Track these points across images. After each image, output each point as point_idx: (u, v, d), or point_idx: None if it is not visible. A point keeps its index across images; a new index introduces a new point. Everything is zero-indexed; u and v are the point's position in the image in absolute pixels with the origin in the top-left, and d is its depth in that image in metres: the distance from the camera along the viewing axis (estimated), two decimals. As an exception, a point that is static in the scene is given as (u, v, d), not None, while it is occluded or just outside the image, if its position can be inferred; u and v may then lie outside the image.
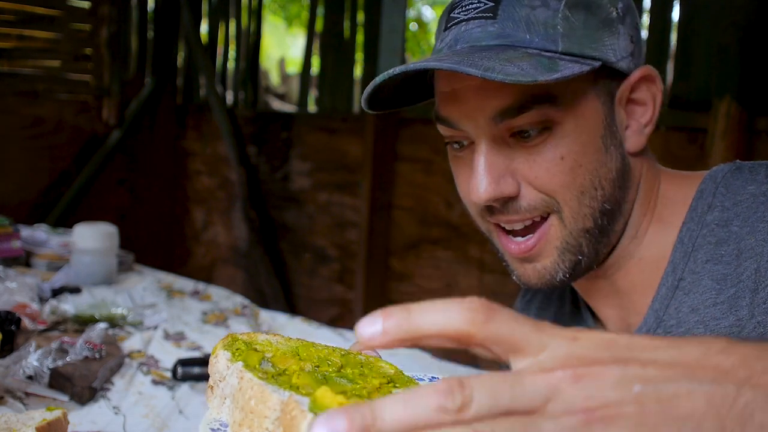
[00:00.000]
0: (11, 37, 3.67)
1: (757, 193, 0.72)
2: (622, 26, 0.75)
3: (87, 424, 1.03)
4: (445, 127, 0.78)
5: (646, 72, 0.77)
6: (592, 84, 0.74)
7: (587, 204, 0.74)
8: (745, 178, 0.74)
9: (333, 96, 3.64)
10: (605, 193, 0.75)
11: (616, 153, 0.76)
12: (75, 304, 1.52)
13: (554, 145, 0.72)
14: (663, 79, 2.55)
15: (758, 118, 2.31)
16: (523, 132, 0.73)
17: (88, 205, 3.93)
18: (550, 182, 0.73)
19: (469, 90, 0.73)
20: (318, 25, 3.80)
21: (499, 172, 0.73)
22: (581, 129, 0.73)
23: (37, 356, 1.10)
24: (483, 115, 0.73)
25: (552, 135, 0.72)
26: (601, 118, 0.74)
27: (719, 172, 0.77)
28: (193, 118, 4.32)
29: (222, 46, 4.20)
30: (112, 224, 1.93)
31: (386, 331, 0.37)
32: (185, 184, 4.39)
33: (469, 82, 0.72)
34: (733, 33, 2.31)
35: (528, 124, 0.72)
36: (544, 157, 0.72)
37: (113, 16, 4.00)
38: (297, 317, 1.78)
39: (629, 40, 0.76)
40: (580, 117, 0.73)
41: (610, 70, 0.75)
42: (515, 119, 0.72)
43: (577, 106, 0.73)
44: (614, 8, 0.75)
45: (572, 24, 0.71)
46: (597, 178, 0.74)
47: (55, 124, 3.86)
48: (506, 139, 0.74)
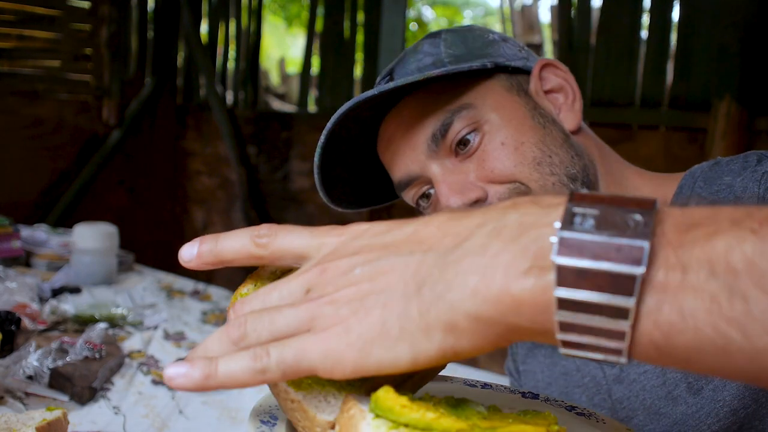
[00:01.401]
0: (11, 37, 3.67)
1: (733, 183, 0.73)
2: (504, 43, 0.84)
3: (87, 424, 1.03)
4: (406, 189, 0.83)
5: (544, 61, 0.83)
6: (497, 82, 0.80)
7: (548, 172, 0.76)
8: (722, 170, 0.76)
9: (333, 96, 3.64)
10: (561, 159, 0.77)
11: (555, 130, 0.79)
12: (75, 304, 1.52)
13: (491, 138, 0.77)
14: (663, 79, 2.57)
15: (758, 118, 2.31)
16: (460, 143, 0.77)
17: (88, 205, 3.94)
18: (504, 167, 0.76)
19: (397, 135, 0.80)
20: (318, 25, 3.80)
21: (461, 185, 0.77)
22: (508, 117, 0.78)
23: (37, 356, 1.11)
24: (420, 149, 0.79)
25: (486, 132, 0.77)
26: (521, 105, 0.79)
27: (698, 169, 0.79)
28: (193, 118, 4.32)
29: (222, 46, 4.20)
30: (112, 224, 1.93)
31: (200, 254, 0.45)
32: (185, 184, 4.39)
33: (393, 130, 0.80)
34: (733, 33, 2.31)
35: (459, 132, 0.77)
36: (489, 151, 0.77)
37: (113, 16, 4.00)
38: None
39: (517, 50, 0.84)
40: (500, 109, 0.78)
41: (509, 68, 0.81)
42: (447, 136, 0.77)
43: (494, 102, 0.78)
44: (489, 34, 0.85)
45: (456, 54, 0.81)
46: (545, 147, 0.77)
47: (55, 124, 3.86)
48: (453, 161, 0.78)
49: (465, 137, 0.77)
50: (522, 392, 0.61)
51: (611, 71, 2.63)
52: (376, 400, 0.40)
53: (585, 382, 0.85)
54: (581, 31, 2.79)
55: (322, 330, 0.39)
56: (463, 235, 0.39)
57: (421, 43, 0.84)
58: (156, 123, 4.27)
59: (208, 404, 1.18)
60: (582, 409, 0.58)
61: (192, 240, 0.45)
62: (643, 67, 2.62)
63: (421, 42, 0.85)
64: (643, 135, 2.53)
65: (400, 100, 0.81)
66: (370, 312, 0.39)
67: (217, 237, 0.45)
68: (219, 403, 1.19)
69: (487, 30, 0.87)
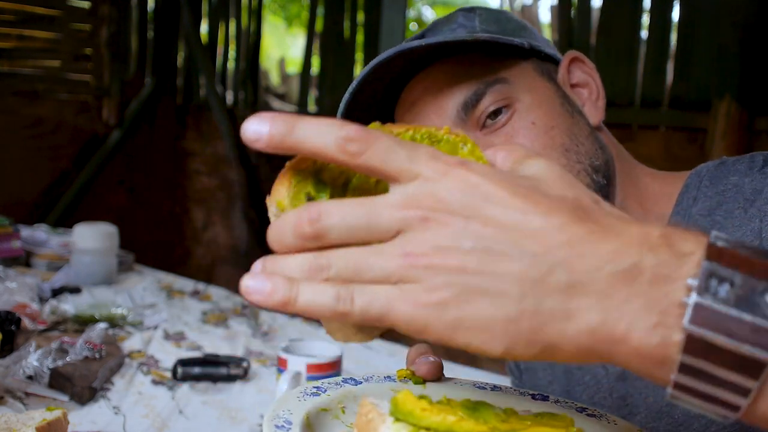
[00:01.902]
0: (11, 37, 3.67)
1: (739, 183, 0.73)
2: (535, 31, 0.83)
3: (87, 424, 1.03)
4: None
5: (573, 55, 0.83)
6: (530, 65, 0.79)
7: (575, 160, 0.75)
8: (728, 169, 0.76)
9: (333, 96, 3.64)
10: (587, 149, 0.76)
11: (582, 121, 0.79)
12: (75, 304, 1.52)
13: (522, 117, 0.75)
14: (663, 79, 2.57)
15: (758, 118, 2.31)
16: (490, 116, 0.75)
17: (88, 205, 3.93)
18: (533, 148, 0.74)
19: (424, 99, 0.77)
20: (318, 25, 3.80)
21: None
22: (540, 100, 0.77)
23: (37, 356, 1.11)
24: (446, 115, 0.76)
25: (516, 110, 0.75)
26: (552, 91, 0.79)
27: (704, 168, 0.79)
28: (193, 118, 4.31)
29: (222, 46, 4.20)
30: (112, 224, 1.93)
31: (271, 135, 0.38)
32: (185, 184, 4.39)
33: (421, 93, 0.77)
34: (733, 33, 2.31)
35: (490, 104, 0.75)
36: (518, 129, 0.75)
37: (113, 16, 4.00)
38: (297, 317, 1.78)
39: (546, 41, 0.84)
40: (533, 91, 0.77)
41: (542, 54, 0.80)
42: (478, 106, 0.75)
43: (527, 84, 0.77)
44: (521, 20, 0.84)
45: (490, 30, 0.78)
46: (574, 136, 0.76)
47: (55, 124, 3.86)
48: (477, 133, 0.76)
49: (495, 110, 0.75)
50: (532, 394, 0.61)
51: (611, 71, 2.63)
52: (396, 404, 0.39)
53: (586, 380, 0.85)
54: (581, 31, 2.78)
55: (413, 293, 0.37)
56: (593, 264, 0.37)
57: (455, 14, 0.82)
58: (156, 123, 4.27)
59: (208, 404, 1.18)
60: (592, 410, 0.58)
61: (260, 114, 0.38)
62: (643, 67, 2.62)
63: (454, 14, 0.82)
64: (643, 135, 2.53)
65: (429, 65, 0.78)
66: (473, 299, 0.37)
67: (295, 121, 0.38)
68: (219, 403, 1.19)
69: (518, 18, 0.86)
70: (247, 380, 1.29)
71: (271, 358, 1.43)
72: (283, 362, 1.09)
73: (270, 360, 1.42)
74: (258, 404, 1.20)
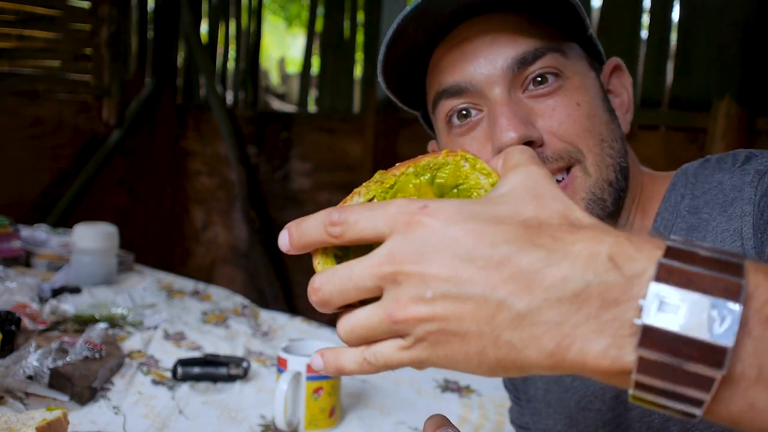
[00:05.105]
0: (11, 37, 3.67)
1: (724, 180, 0.74)
2: None
3: (87, 424, 1.03)
4: (447, 99, 0.77)
5: (616, 62, 0.83)
6: (583, 54, 0.79)
7: (608, 153, 0.75)
8: (714, 167, 0.76)
9: (333, 96, 3.64)
10: (618, 149, 0.76)
11: (616, 122, 0.79)
12: (75, 304, 1.52)
13: (568, 94, 0.74)
14: (663, 79, 2.57)
15: (758, 118, 2.31)
16: (538, 79, 0.74)
17: (88, 205, 3.93)
18: (573, 127, 0.73)
19: (478, 41, 0.74)
20: (318, 25, 3.80)
21: (523, 119, 0.73)
22: (587, 86, 0.76)
23: (37, 356, 1.11)
24: (497, 64, 0.74)
25: (564, 85, 0.74)
26: (597, 84, 0.79)
27: (690, 167, 0.79)
28: (193, 118, 4.31)
29: (222, 46, 4.20)
30: (112, 224, 1.93)
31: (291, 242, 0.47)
32: (185, 184, 4.39)
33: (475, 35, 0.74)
34: (733, 33, 2.31)
35: (544, 68, 0.73)
36: (563, 103, 0.74)
37: (113, 16, 4.00)
38: (297, 317, 1.78)
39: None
40: (584, 77, 0.77)
41: (595, 48, 0.80)
42: (533, 65, 0.73)
43: (578, 66, 0.77)
44: None
45: None
46: (610, 132, 0.76)
47: (55, 124, 3.86)
48: (519, 95, 0.74)
49: (546, 75, 0.74)
50: None
51: (611, 71, 2.62)
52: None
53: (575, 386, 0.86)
54: (581, 31, 2.78)
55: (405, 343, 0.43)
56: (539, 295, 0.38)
57: None
58: (156, 123, 4.27)
59: (208, 404, 1.18)
60: None
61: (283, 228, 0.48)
62: (643, 67, 2.62)
63: None
64: (643, 135, 2.53)
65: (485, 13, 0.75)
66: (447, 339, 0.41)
67: (298, 224, 0.46)
68: (219, 403, 1.19)
69: None
70: (247, 380, 1.29)
71: (271, 358, 1.43)
72: (283, 362, 1.09)
73: (270, 360, 1.42)
74: (258, 404, 1.20)
